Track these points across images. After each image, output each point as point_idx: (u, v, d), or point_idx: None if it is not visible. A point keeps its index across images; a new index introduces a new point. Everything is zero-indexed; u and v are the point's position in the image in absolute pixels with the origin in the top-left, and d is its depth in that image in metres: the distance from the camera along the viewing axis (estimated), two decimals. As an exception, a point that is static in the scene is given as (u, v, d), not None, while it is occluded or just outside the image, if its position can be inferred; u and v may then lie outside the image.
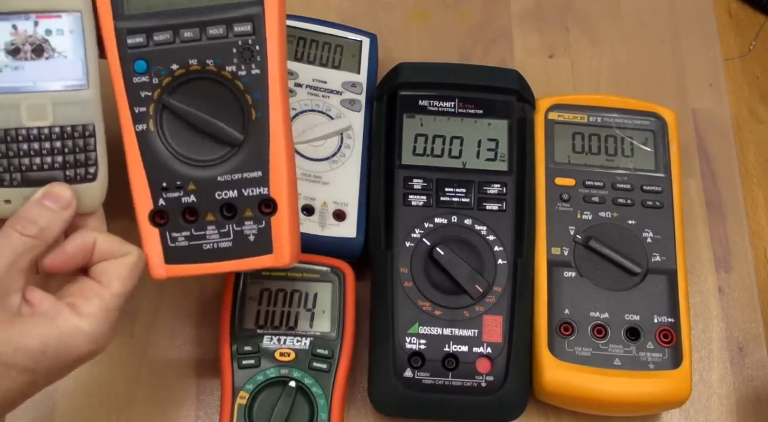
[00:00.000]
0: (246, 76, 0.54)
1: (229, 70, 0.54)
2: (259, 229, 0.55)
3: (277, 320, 0.64)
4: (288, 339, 0.63)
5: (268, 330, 0.63)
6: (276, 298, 0.65)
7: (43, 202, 0.49)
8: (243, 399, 0.61)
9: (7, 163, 0.50)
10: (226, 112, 0.54)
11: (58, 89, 0.50)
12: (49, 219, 0.49)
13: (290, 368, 0.62)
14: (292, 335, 0.63)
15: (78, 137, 0.50)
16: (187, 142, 0.55)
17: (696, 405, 0.68)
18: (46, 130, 0.50)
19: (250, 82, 0.54)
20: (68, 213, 0.50)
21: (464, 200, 0.67)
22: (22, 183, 0.50)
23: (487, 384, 0.63)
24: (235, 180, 0.55)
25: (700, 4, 0.84)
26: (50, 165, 0.50)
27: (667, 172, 0.70)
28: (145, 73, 0.54)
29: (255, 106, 0.54)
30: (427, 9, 0.82)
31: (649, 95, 0.75)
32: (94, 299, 0.49)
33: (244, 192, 0.55)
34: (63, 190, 0.50)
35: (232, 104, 0.54)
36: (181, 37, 0.54)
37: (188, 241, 0.55)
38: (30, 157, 0.50)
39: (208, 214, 0.55)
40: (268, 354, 0.62)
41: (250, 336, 0.63)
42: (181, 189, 0.55)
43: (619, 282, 0.66)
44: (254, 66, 0.54)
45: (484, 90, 0.70)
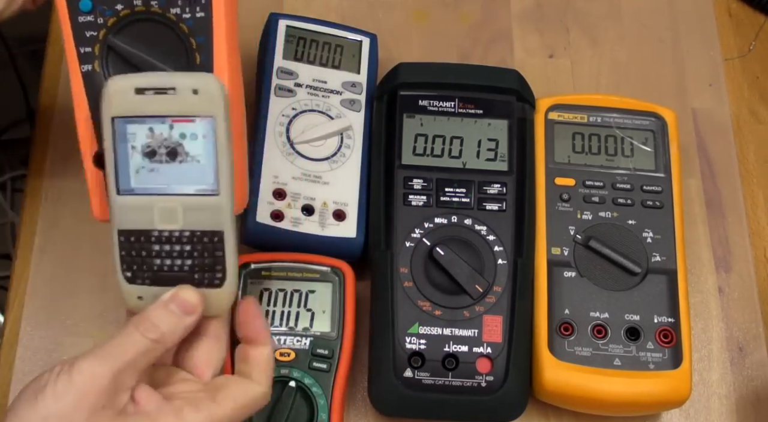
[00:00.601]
0: (190, 19, 0.53)
1: (174, 12, 0.53)
2: None
3: (277, 320, 0.64)
4: (288, 339, 0.63)
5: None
6: (276, 298, 0.65)
7: (168, 306, 0.49)
8: None
9: (140, 262, 0.50)
10: (171, 54, 0.54)
11: (189, 193, 0.50)
12: (171, 325, 0.49)
13: (290, 368, 0.62)
14: (292, 335, 0.63)
15: (207, 243, 0.50)
16: None
17: (696, 405, 0.68)
18: (177, 234, 0.50)
19: (194, 25, 0.53)
20: (192, 319, 0.50)
21: (464, 200, 0.67)
22: (154, 282, 0.51)
23: (487, 384, 0.63)
24: None
25: (700, 4, 0.84)
26: (180, 267, 0.50)
27: (667, 172, 0.70)
28: (90, 13, 0.53)
29: (199, 49, 0.53)
30: (427, 9, 0.82)
31: (649, 95, 0.75)
32: (203, 413, 0.48)
33: None
34: (189, 295, 0.50)
35: (177, 47, 0.54)
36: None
37: None
38: (161, 258, 0.50)
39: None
40: None
41: None
42: None
43: (619, 282, 0.66)
44: (198, 9, 0.53)
45: (484, 90, 0.70)
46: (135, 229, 0.50)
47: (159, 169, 0.49)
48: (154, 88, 0.48)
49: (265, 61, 0.72)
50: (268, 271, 0.65)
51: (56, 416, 0.45)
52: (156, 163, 0.49)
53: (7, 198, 1.35)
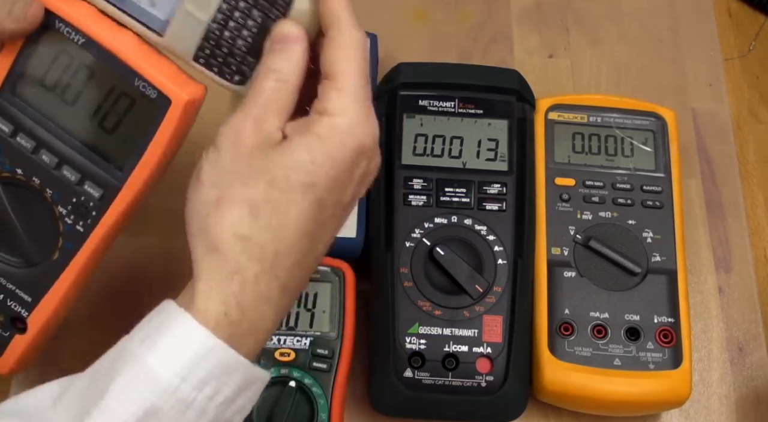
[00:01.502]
0: (69, 226, 0.54)
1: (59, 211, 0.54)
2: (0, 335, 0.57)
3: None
4: (288, 339, 0.63)
5: None
6: None
7: (274, 47, 0.48)
8: None
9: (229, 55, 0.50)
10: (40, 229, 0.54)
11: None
12: (286, 59, 0.48)
13: (290, 368, 0.62)
14: (292, 335, 0.63)
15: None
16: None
17: (696, 405, 0.68)
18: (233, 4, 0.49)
19: (71, 231, 0.54)
20: (300, 46, 0.48)
21: (464, 200, 0.67)
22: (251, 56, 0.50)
23: (487, 384, 0.63)
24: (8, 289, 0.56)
25: (700, 4, 0.84)
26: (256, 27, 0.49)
27: (667, 172, 0.70)
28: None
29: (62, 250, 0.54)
30: (427, 9, 0.82)
31: (649, 95, 0.75)
32: (333, 94, 0.47)
33: (9, 303, 0.56)
34: (284, 27, 0.48)
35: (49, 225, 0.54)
36: None
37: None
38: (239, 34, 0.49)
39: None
40: (268, 354, 0.62)
41: None
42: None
43: (619, 282, 0.66)
44: (81, 223, 0.54)
45: (484, 90, 0.70)
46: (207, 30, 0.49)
47: None
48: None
49: (265, 61, 0.71)
50: None
51: (220, 174, 0.46)
52: None
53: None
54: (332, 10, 0.48)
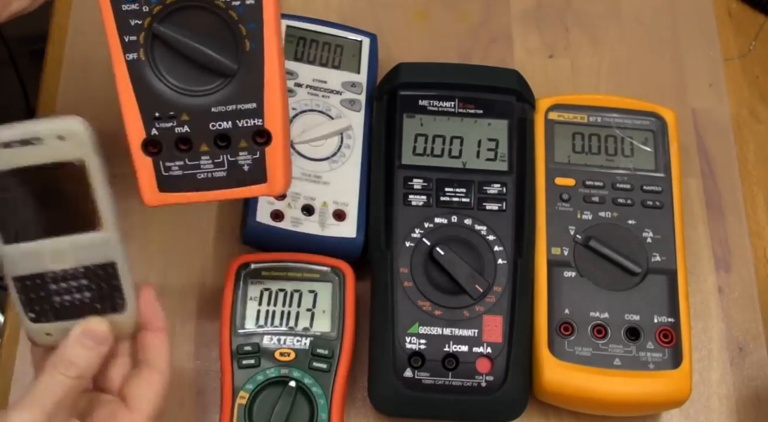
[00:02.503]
0: (240, 6, 0.52)
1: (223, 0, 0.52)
2: (253, 159, 0.55)
3: (277, 320, 0.64)
4: (288, 339, 0.63)
5: (268, 330, 0.63)
6: (276, 298, 0.65)
7: (82, 340, 0.50)
8: (243, 399, 0.61)
9: (41, 302, 0.51)
10: (220, 42, 0.53)
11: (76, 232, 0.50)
12: (88, 358, 0.50)
13: (290, 368, 0.62)
14: (292, 335, 0.63)
15: (102, 274, 0.51)
16: (179, 72, 0.53)
17: (696, 405, 0.68)
18: (71, 271, 0.50)
19: (244, 12, 0.52)
20: (106, 348, 0.51)
21: (464, 200, 0.67)
22: (58, 317, 0.51)
23: (487, 384, 0.63)
24: (230, 111, 0.54)
25: (700, 4, 0.84)
26: (80, 300, 0.51)
27: (667, 172, 0.70)
28: (135, 1, 0.52)
29: (249, 36, 0.52)
30: (427, 9, 0.82)
31: (649, 95, 0.75)
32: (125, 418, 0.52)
33: (239, 123, 0.54)
34: (98, 325, 0.51)
35: (225, 34, 0.52)
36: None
37: (182, 170, 0.55)
38: (60, 295, 0.51)
39: (203, 144, 0.55)
40: (268, 354, 0.62)
41: (250, 335, 0.63)
42: (174, 119, 0.54)
43: (619, 282, 0.66)
44: None
45: (484, 90, 0.70)
46: (29, 274, 0.51)
47: (41, 215, 0.50)
48: (18, 141, 0.47)
49: (265, 61, 0.72)
50: (268, 271, 0.65)
51: None
52: (36, 208, 0.49)
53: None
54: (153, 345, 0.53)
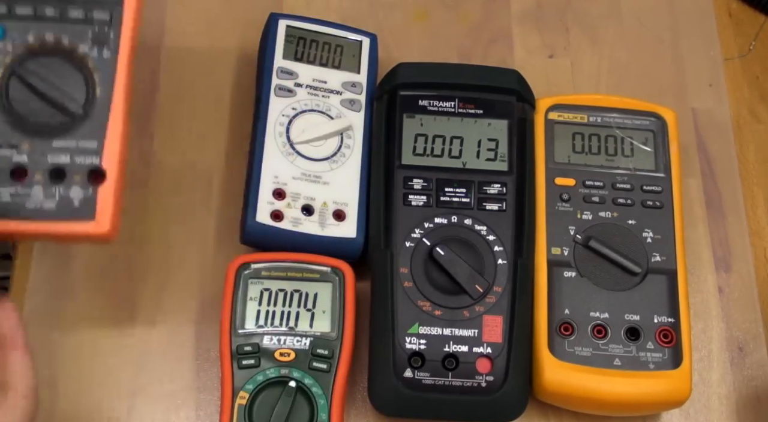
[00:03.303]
0: (97, 58, 0.58)
1: (82, 50, 0.58)
2: (85, 197, 0.57)
3: (277, 320, 0.64)
4: (288, 339, 0.63)
5: (268, 330, 0.63)
6: (276, 298, 0.65)
7: None
8: (243, 399, 0.61)
9: None
10: (73, 85, 0.57)
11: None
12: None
13: (290, 368, 0.62)
14: (292, 335, 0.63)
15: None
16: (29, 108, 0.57)
17: (696, 405, 0.68)
18: None
19: (99, 62, 0.58)
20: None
21: (464, 200, 0.67)
22: None
23: (487, 384, 0.63)
24: (70, 147, 0.57)
25: (700, 4, 0.84)
26: None
27: (667, 172, 0.70)
28: (0, 40, 0.57)
29: (101, 83, 0.58)
30: (427, 9, 0.82)
31: (649, 95, 0.75)
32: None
33: (77, 159, 0.57)
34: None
35: (79, 79, 0.57)
36: (41, 14, 0.58)
37: (11, 198, 0.56)
38: None
39: (37, 175, 0.57)
40: (268, 354, 0.62)
41: (250, 335, 0.63)
42: (14, 148, 0.57)
43: (619, 282, 0.66)
44: (106, 49, 0.58)
45: (484, 90, 0.70)
46: None
47: None
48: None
49: (264, 61, 0.72)
50: (268, 271, 0.65)
51: None
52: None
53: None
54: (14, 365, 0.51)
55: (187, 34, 0.78)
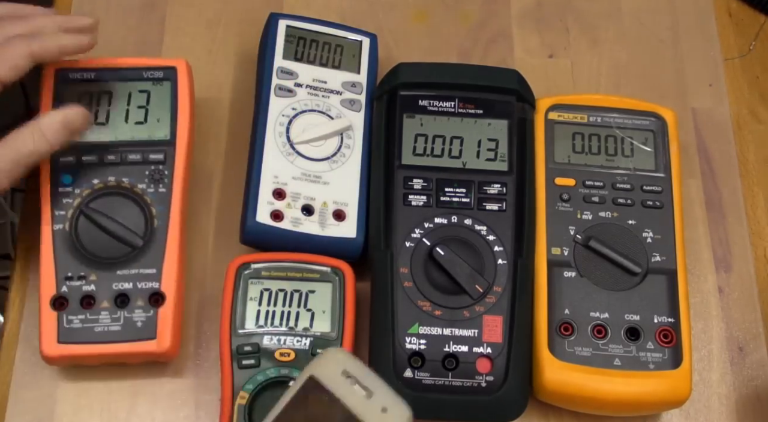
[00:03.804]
0: (154, 193, 0.66)
1: (140, 188, 0.66)
2: (147, 317, 0.63)
3: (277, 320, 0.64)
4: (288, 339, 0.63)
5: (268, 330, 0.63)
6: (276, 298, 0.65)
7: None
8: (243, 399, 0.61)
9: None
10: (133, 219, 0.65)
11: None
12: None
13: (290, 368, 0.62)
14: (292, 335, 0.63)
15: None
16: (95, 242, 0.64)
17: (696, 405, 0.68)
18: None
19: (156, 198, 0.66)
20: None
21: (464, 200, 0.67)
22: None
23: (487, 384, 0.63)
24: (132, 274, 0.64)
25: (700, 4, 0.84)
26: None
27: (667, 172, 0.70)
28: (69, 185, 0.65)
29: (158, 216, 0.65)
30: (427, 9, 0.82)
31: (649, 95, 0.75)
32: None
33: (138, 285, 0.64)
34: None
35: (138, 214, 0.65)
36: (104, 160, 0.66)
37: (82, 324, 0.63)
38: None
39: (104, 302, 0.63)
40: (268, 354, 0.62)
41: (250, 336, 0.63)
42: (83, 278, 0.64)
43: (619, 282, 0.66)
44: (161, 186, 0.66)
45: (484, 90, 0.70)
46: None
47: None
48: (358, 381, 0.53)
49: (265, 61, 0.72)
50: (268, 271, 0.65)
51: None
52: None
53: (7, 198, 1.35)
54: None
55: (187, 34, 0.78)
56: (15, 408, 0.65)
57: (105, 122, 0.68)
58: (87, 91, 0.68)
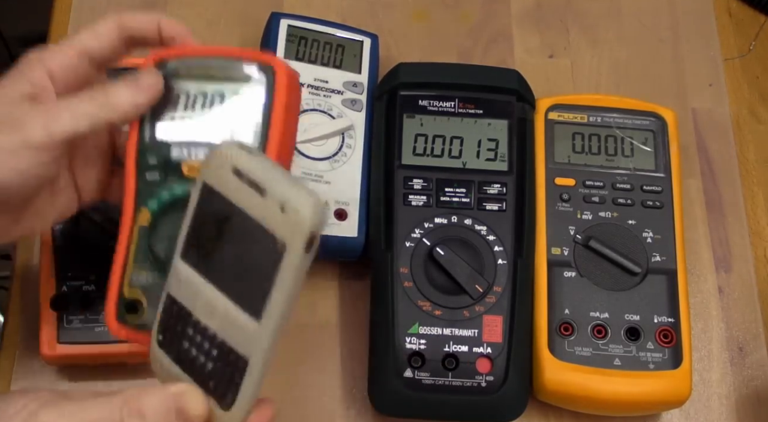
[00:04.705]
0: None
1: None
2: None
3: (192, 129, 0.53)
4: (202, 151, 0.52)
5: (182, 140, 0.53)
6: (195, 102, 0.53)
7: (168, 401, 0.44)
8: (145, 220, 0.52)
9: (173, 334, 0.47)
10: None
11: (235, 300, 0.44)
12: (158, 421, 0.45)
13: None
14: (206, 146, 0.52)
15: (231, 360, 0.44)
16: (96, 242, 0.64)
17: (696, 405, 0.68)
18: (210, 332, 0.45)
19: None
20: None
21: (464, 200, 0.67)
22: (176, 360, 0.47)
23: (487, 384, 0.63)
24: None
25: (700, 4, 0.84)
26: (202, 365, 0.45)
27: (667, 172, 0.70)
28: None
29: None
30: (427, 9, 0.82)
31: (649, 95, 0.75)
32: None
33: None
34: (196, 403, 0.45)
35: None
36: None
37: (82, 324, 0.62)
38: (189, 344, 0.46)
39: None
40: (174, 169, 0.52)
41: (159, 146, 0.52)
42: (83, 278, 0.63)
43: (619, 282, 0.66)
44: None
45: (484, 90, 0.70)
46: (180, 303, 0.46)
47: (221, 258, 0.45)
48: (249, 179, 0.43)
49: (265, 60, 0.71)
50: (187, 70, 0.53)
51: None
52: (223, 250, 0.45)
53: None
54: None
55: (187, 33, 0.78)
56: None
57: None
58: None
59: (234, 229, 0.44)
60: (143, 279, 0.52)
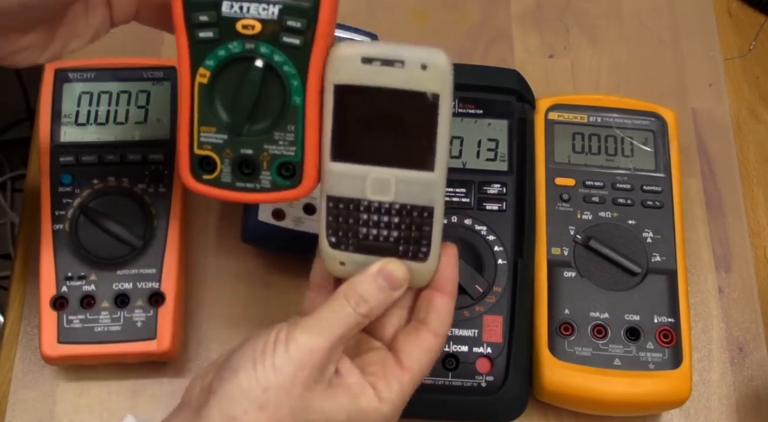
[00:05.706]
0: (154, 193, 0.66)
1: (140, 188, 0.66)
2: (147, 317, 0.64)
3: None
4: (252, 7, 0.49)
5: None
6: None
7: (377, 280, 0.50)
8: (204, 78, 0.51)
9: (347, 229, 0.50)
10: (133, 219, 0.65)
11: (405, 166, 0.49)
12: (379, 299, 0.50)
13: (256, 42, 0.50)
14: (256, 1, 0.49)
15: (416, 217, 0.50)
16: (95, 242, 0.64)
17: (696, 405, 0.68)
18: (387, 205, 0.50)
19: (155, 197, 0.66)
20: (397, 293, 0.50)
21: (464, 200, 0.67)
22: (357, 249, 0.51)
23: (487, 384, 0.63)
24: (132, 274, 0.64)
25: (700, 4, 0.84)
26: (386, 238, 0.50)
27: (667, 172, 0.70)
28: (69, 185, 0.66)
29: (157, 216, 0.66)
30: (427, 9, 0.82)
31: (649, 95, 0.75)
32: (395, 384, 0.50)
33: (138, 285, 0.64)
34: (397, 269, 0.50)
35: (138, 214, 0.65)
36: (104, 160, 0.66)
37: (82, 324, 0.63)
38: (368, 228, 0.50)
39: (104, 302, 0.64)
40: (228, 26, 0.49)
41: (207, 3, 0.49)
42: (83, 279, 0.64)
43: (619, 282, 0.66)
44: (161, 186, 0.66)
45: (484, 90, 0.70)
46: (345, 197, 0.50)
47: (377, 140, 0.49)
48: (381, 59, 0.47)
49: (265, 60, 0.71)
50: None
51: (276, 387, 0.46)
52: (375, 133, 0.49)
53: (7, 198, 1.35)
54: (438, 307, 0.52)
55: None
56: (15, 408, 0.65)
57: (105, 122, 0.68)
58: (86, 91, 0.69)
59: (384, 107, 0.48)
60: (212, 138, 0.52)
